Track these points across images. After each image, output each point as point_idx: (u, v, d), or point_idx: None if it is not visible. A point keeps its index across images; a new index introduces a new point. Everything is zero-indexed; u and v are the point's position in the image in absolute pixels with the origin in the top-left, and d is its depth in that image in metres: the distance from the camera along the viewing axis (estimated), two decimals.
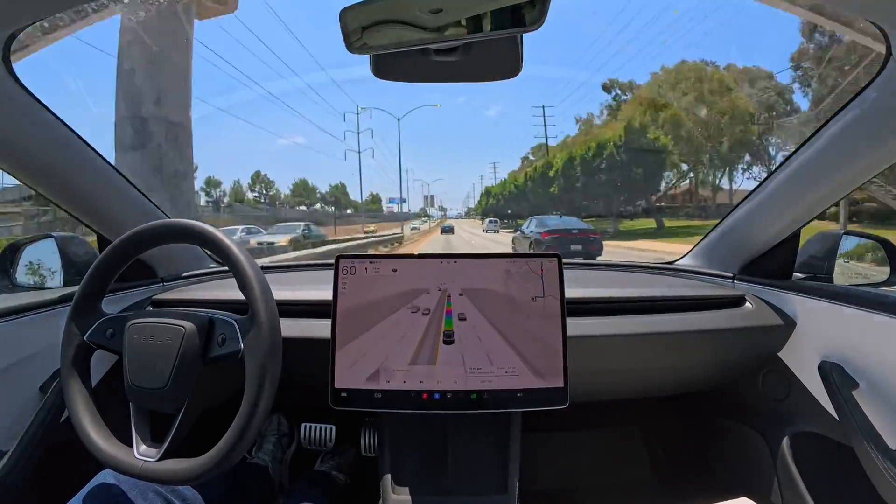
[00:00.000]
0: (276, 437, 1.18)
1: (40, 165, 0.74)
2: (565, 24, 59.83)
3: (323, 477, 1.10)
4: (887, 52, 0.60)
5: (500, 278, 0.70)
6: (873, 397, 0.72)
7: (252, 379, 0.56)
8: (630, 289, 0.96)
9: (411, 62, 0.61)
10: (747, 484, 0.99)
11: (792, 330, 0.88)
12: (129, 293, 0.93)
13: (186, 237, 0.64)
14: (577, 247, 9.61)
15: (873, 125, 0.67)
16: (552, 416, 0.72)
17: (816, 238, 0.97)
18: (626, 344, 0.84)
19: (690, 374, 0.98)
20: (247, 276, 0.60)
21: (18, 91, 0.66)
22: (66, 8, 0.56)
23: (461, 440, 0.74)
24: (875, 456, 0.67)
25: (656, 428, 1.35)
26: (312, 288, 0.88)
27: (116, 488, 0.64)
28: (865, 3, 0.54)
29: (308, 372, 0.83)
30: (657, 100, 21.01)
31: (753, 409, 0.99)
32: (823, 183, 0.79)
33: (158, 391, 0.60)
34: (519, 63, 0.61)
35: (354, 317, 0.69)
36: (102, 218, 0.88)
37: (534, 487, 1.23)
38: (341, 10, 0.50)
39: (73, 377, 0.63)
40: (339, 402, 0.67)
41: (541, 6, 0.48)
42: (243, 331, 0.60)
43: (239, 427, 0.56)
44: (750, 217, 0.97)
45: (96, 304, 0.66)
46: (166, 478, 0.56)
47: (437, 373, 0.68)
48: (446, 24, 0.51)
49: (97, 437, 0.60)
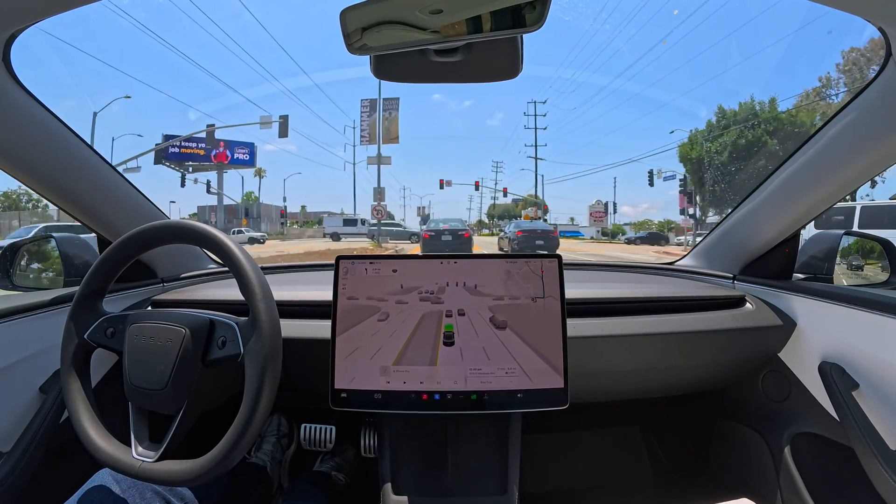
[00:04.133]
0: (276, 438, 1.18)
1: (40, 166, 0.74)
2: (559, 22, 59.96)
3: (323, 477, 1.10)
4: (887, 52, 0.60)
5: (500, 279, 0.70)
6: (873, 398, 0.72)
7: (252, 382, 0.56)
8: (630, 289, 0.96)
9: (411, 63, 0.61)
10: (747, 484, 0.99)
11: (792, 330, 0.88)
12: (129, 293, 0.93)
13: (186, 237, 0.64)
14: (539, 242, 13.12)
15: (873, 125, 0.67)
16: (552, 417, 0.72)
17: (816, 238, 0.97)
18: (627, 344, 0.84)
19: (690, 375, 0.98)
20: (248, 277, 0.60)
21: (18, 91, 0.66)
22: (67, 8, 0.56)
23: (461, 441, 0.74)
24: (875, 456, 0.67)
25: (656, 428, 1.35)
26: (313, 288, 0.88)
27: (115, 488, 0.64)
28: (865, 3, 0.54)
29: (308, 373, 0.83)
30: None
31: (753, 410, 0.99)
32: (824, 183, 0.78)
33: (158, 392, 0.59)
34: (519, 64, 0.61)
35: (354, 317, 0.69)
36: (102, 218, 0.88)
37: (534, 488, 1.23)
38: (341, 11, 0.50)
39: (73, 376, 0.63)
40: (338, 402, 0.67)
41: (541, 7, 0.48)
42: (244, 334, 0.60)
43: (238, 429, 0.56)
44: (750, 217, 0.97)
45: (97, 303, 0.66)
46: (164, 478, 0.56)
47: (437, 373, 0.68)
48: (446, 24, 0.51)
49: (95, 435, 0.60)
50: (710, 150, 20.56)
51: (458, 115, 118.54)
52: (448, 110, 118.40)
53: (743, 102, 20.66)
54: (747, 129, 19.51)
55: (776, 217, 0.89)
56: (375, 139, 22.71)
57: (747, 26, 39.14)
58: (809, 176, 0.80)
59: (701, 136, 21.66)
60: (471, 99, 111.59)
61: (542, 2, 0.47)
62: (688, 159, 21.69)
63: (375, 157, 21.47)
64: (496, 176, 48.21)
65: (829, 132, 0.74)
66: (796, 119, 18.60)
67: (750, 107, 20.11)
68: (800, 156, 0.81)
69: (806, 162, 0.80)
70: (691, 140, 22.04)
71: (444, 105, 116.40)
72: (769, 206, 0.91)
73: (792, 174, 0.83)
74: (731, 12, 40.82)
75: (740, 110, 20.52)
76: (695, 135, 22.14)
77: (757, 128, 19.26)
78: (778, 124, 18.95)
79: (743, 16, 42.67)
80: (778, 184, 0.87)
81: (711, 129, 21.39)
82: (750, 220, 0.97)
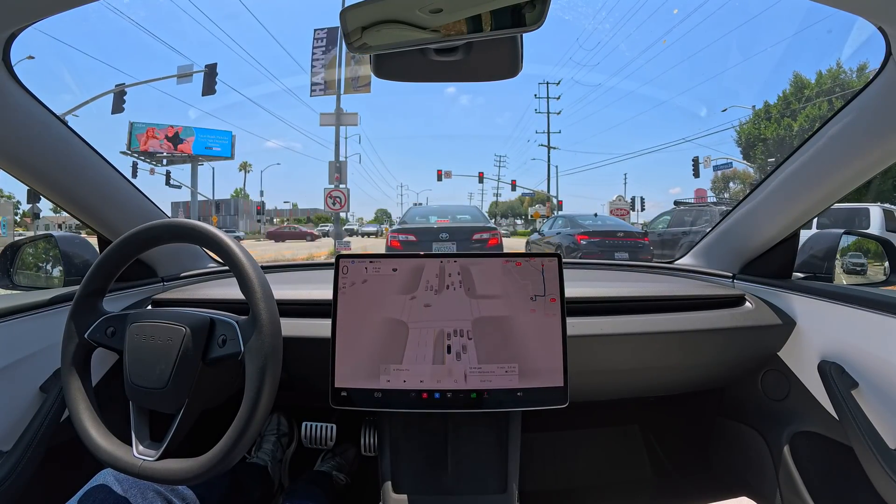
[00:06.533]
0: (276, 437, 1.18)
1: (40, 165, 0.74)
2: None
3: (323, 477, 1.10)
4: (887, 52, 0.60)
5: (500, 277, 0.71)
6: (873, 397, 0.73)
7: (252, 380, 0.57)
8: (630, 288, 0.96)
9: (411, 62, 0.61)
10: (747, 483, 0.99)
11: (791, 329, 0.88)
12: (130, 292, 0.93)
13: (187, 237, 0.64)
14: (622, 255, 7.05)
15: (873, 125, 0.67)
16: (552, 416, 0.72)
17: (816, 238, 0.97)
18: (626, 343, 0.84)
19: (690, 374, 0.99)
20: (248, 276, 0.60)
21: (18, 91, 0.66)
22: (66, 8, 0.56)
23: (461, 439, 0.74)
24: (874, 455, 0.67)
25: (656, 427, 1.35)
26: (313, 287, 0.88)
27: (116, 488, 0.64)
28: (865, 3, 0.54)
29: (308, 371, 0.83)
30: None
31: (753, 409, 1.00)
32: (823, 183, 0.79)
33: (158, 391, 0.60)
34: (519, 63, 0.61)
35: (355, 316, 0.69)
36: (103, 218, 0.88)
37: (534, 487, 1.24)
38: (342, 11, 0.50)
39: (74, 375, 0.63)
40: (339, 401, 0.68)
41: (541, 6, 0.48)
42: (244, 332, 0.60)
43: (238, 428, 0.56)
44: (750, 217, 0.97)
45: (97, 302, 0.67)
46: (164, 477, 0.56)
47: (437, 372, 0.68)
48: (446, 24, 0.51)
49: (96, 434, 0.60)
50: (793, 126, 17.45)
51: (458, 113, 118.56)
52: (448, 107, 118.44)
53: (827, 69, 17.74)
54: (837, 101, 16.70)
55: (776, 216, 0.90)
56: (335, 87, 14.55)
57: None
58: (809, 175, 0.80)
59: (777, 111, 18.45)
60: (472, 93, 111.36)
61: (541, 1, 0.47)
62: (759, 139, 18.55)
63: (332, 115, 13.14)
64: (499, 172, 47.58)
65: (829, 132, 0.74)
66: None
67: (834, 73, 17.53)
68: (800, 155, 0.81)
69: (806, 161, 0.80)
70: (757, 115, 18.92)
71: (445, 102, 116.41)
72: (769, 205, 0.91)
73: (792, 173, 0.84)
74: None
75: (820, 79, 17.76)
76: (761, 111, 18.92)
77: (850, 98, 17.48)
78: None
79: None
80: (778, 183, 0.87)
81: (787, 102, 18.31)
82: (750, 219, 0.97)
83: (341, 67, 14.73)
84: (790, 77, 18.94)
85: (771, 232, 0.92)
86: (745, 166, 19.57)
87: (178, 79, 15.40)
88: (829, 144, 0.75)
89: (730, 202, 16.82)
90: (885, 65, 0.62)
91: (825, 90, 17.67)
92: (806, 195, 0.82)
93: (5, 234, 15.20)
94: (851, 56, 18.22)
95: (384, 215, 66.20)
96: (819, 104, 17.38)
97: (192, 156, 22.27)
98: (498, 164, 45.98)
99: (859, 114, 0.69)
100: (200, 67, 13.59)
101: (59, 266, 0.95)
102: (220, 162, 25.21)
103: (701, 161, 18.84)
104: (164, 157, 22.45)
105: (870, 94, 0.66)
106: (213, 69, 13.18)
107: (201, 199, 26.83)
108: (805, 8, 33.29)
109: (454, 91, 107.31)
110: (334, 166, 12.07)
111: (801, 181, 0.82)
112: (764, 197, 0.92)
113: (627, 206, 22.65)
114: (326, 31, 16.10)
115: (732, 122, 20.36)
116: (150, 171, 21.25)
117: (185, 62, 31.41)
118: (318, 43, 16.36)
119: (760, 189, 0.92)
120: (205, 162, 24.15)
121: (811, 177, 0.80)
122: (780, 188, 0.87)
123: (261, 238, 27.03)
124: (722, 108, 37.40)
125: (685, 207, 9.91)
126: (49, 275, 1.00)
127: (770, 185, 0.89)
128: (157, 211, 0.97)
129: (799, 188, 0.83)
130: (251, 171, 40.25)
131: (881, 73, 0.63)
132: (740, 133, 19.65)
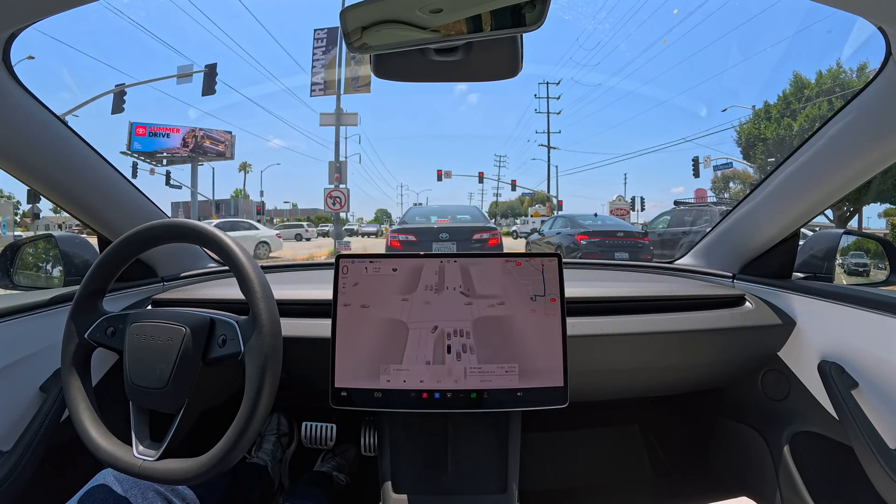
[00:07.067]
0: (276, 437, 1.18)
1: (40, 166, 0.74)
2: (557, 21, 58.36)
3: (324, 477, 1.10)
4: (887, 52, 0.60)
5: (500, 277, 0.71)
6: (872, 397, 0.73)
7: (252, 380, 0.57)
8: (630, 288, 0.96)
9: (411, 62, 0.61)
10: (747, 483, 0.99)
11: (791, 329, 0.88)
12: (130, 292, 0.93)
13: (187, 237, 0.64)
14: (622, 255, 7.02)
15: (873, 125, 0.67)
16: (552, 416, 0.72)
17: (816, 238, 0.97)
18: (626, 343, 0.84)
19: (690, 374, 0.99)
20: (248, 276, 0.60)
21: (18, 91, 0.66)
22: (66, 8, 0.56)
23: (461, 439, 0.74)
24: (874, 455, 0.67)
25: (656, 427, 1.35)
26: (313, 287, 0.88)
27: (117, 488, 0.64)
28: (865, 3, 0.55)
29: (308, 371, 0.83)
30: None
31: (753, 409, 1.00)
32: (823, 183, 0.79)
33: (158, 391, 0.60)
34: (519, 63, 0.61)
35: (354, 316, 0.69)
36: (103, 218, 0.88)
37: (534, 486, 1.24)
38: (342, 11, 0.50)
39: (74, 375, 0.63)
40: (339, 401, 0.68)
41: (541, 6, 0.48)
42: (244, 332, 0.60)
43: (238, 428, 0.56)
44: (750, 217, 0.97)
45: (97, 302, 0.67)
46: (164, 477, 0.56)
47: (436, 372, 0.68)
48: (446, 24, 0.51)
49: (96, 434, 0.60)
50: (793, 126, 17.23)
51: (458, 113, 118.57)
52: (448, 107, 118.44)
53: (827, 69, 17.23)
54: (837, 100, 16.49)
55: (776, 216, 0.90)
56: (335, 87, 14.49)
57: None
58: (809, 175, 0.80)
59: (777, 111, 18.16)
60: (472, 93, 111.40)
61: (541, 1, 0.48)
62: (759, 139, 18.32)
63: (332, 115, 13.10)
64: (499, 172, 47.56)
65: (829, 132, 0.74)
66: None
67: (834, 73, 17.28)
68: (799, 155, 0.81)
69: (806, 161, 0.80)
70: (757, 115, 18.69)
71: (445, 102, 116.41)
72: (769, 205, 0.91)
73: (791, 173, 0.84)
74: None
75: (820, 79, 17.44)
76: (761, 111, 18.68)
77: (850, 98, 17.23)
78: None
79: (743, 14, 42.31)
80: (778, 183, 0.87)
81: (787, 102, 18.02)
82: (749, 219, 0.97)
83: (341, 67, 14.82)
84: (790, 77, 18.79)
85: (771, 232, 0.92)
86: (745, 166, 19.61)
87: (177, 79, 15.22)
88: (829, 144, 0.75)
89: (730, 202, 16.99)
90: (885, 65, 0.62)
91: (825, 90, 17.59)
92: (806, 195, 0.82)
93: (5, 234, 15.23)
94: (851, 56, 18.32)
95: (384, 215, 66.14)
96: (819, 104, 17.31)
97: (192, 156, 22.14)
98: (498, 164, 45.97)
99: (859, 114, 0.69)
100: (200, 67, 13.69)
101: (59, 266, 0.95)
102: (221, 162, 24.85)
103: (701, 161, 18.78)
104: (164, 157, 22.25)
105: (870, 94, 0.66)
106: (212, 69, 13.14)
107: (201, 200, 26.59)
108: (805, 8, 33.40)
109: (454, 91, 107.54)
110: (334, 166, 12.18)
111: (801, 181, 0.82)
112: (764, 197, 0.92)
113: (627, 206, 22.14)
114: (326, 31, 16.30)
115: (732, 121, 20.40)
116: (151, 171, 21.09)
117: (185, 62, 31.27)
118: (318, 43, 16.58)
119: (760, 189, 0.92)
120: (205, 162, 23.94)
121: (811, 177, 0.80)
122: (780, 188, 0.87)
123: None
124: (722, 108, 37.29)
125: (685, 207, 9.88)
126: (49, 275, 1.00)
127: (770, 185, 0.89)
128: (157, 211, 0.97)
129: (799, 188, 0.83)
130: (251, 171, 40.42)
131: (881, 73, 0.63)
132: (740, 133, 19.66)
